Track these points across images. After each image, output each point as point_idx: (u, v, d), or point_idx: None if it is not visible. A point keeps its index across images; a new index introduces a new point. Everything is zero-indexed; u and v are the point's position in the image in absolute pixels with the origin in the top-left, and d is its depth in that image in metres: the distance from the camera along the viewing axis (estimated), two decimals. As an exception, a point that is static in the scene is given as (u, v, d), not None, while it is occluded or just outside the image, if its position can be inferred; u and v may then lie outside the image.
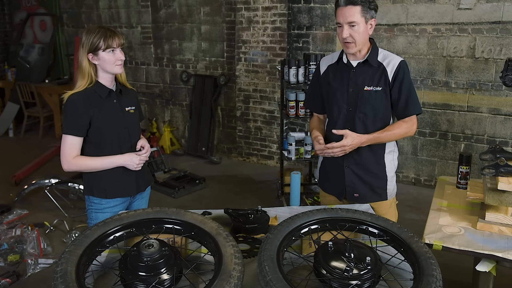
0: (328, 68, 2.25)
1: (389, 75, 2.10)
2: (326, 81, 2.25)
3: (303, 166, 5.15)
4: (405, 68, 2.10)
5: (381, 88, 2.10)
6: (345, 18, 2.02)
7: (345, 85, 2.16)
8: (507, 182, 1.87)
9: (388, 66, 2.11)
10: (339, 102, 2.18)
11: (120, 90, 2.18)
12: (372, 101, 2.11)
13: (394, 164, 2.27)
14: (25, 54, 6.87)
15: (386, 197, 2.24)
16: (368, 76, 2.12)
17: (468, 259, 2.02)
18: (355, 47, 2.07)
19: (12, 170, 4.95)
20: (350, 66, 2.16)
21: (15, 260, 3.30)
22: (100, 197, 2.16)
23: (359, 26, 2.03)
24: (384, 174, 2.22)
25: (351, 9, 2.01)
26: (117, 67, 2.08)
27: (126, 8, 6.29)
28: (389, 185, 2.24)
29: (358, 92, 2.12)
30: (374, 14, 2.08)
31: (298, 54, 5.11)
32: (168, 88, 6.26)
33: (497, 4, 4.07)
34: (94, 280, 1.49)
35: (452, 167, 4.55)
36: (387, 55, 2.14)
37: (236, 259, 1.41)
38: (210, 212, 2.03)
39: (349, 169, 2.22)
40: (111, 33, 2.04)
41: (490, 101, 4.28)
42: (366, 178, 2.21)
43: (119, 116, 2.15)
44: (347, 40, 2.05)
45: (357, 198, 2.23)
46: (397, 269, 1.55)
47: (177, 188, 4.59)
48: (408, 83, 2.10)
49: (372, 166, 2.21)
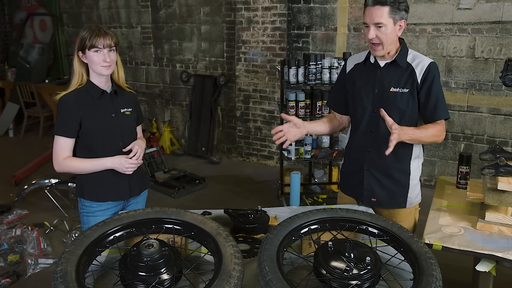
0: (355, 67, 2.17)
1: (417, 77, 2.00)
2: (351, 80, 2.17)
3: (303, 166, 5.15)
4: (435, 70, 2.00)
5: (408, 90, 2.00)
6: (372, 19, 1.93)
7: (370, 85, 2.08)
8: (507, 182, 1.87)
9: (417, 67, 2.01)
10: (364, 103, 2.10)
11: (115, 91, 2.12)
12: (397, 103, 2.02)
13: (419, 171, 2.15)
14: (25, 54, 6.87)
15: (405, 205, 2.13)
16: (395, 77, 2.03)
17: (468, 259, 2.02)
18: (382, 49, 1.98)
19: (12, 170, 4.95)
20: (377, 66, 2.08)
21: (15, 260, 3.30)
22: (91, 200, 2.12)
23: (386, 27, 1.93)
24: (407, 181, 2.12)
25: (378, 9, 1.92)
26: (103, 68, 2.00)
27: (126, 8, 6.29)
28: (410, 193, 2.13)
29: (383, 93, 2.04)
30: (404, 15, 1.96)
31: (298, 54, 5.11)
32: (168, 88, 6.26)
33: (497, 4, 4.07)
34: (94, 280, 1.49)
35: (452, 167, 4.55)
36: (416, 56, 2.05)
37: (236, 259, 1.41)
38: (210, 212, 2.03)
39: (369, 172, 2.13)
40: (98, 32, 1.97)
41: (490, 101, 4.28)
42: (386, 183, 2.12)
43: (112, 117, 2.09)
44: (373, 41, 1.97)
45: (374, 203, 2.14)
46: (397, 269, 1.55)
47: (177, 188, 4.59)
48: (437, 86, 2.00)
49: (395, 171, 2.10)
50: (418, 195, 2.18)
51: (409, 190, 2.12)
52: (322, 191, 4.60)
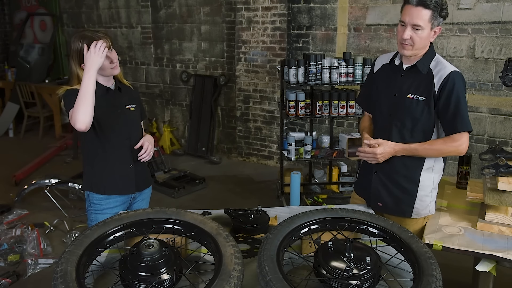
0: (382, 68, 2.15)
1: (435, 86, 1.92)
2: (376, 80, 2.16)
3: (303, 166, 5.15)
4: (455, 80, 1.89)
5: (424, 98, 1.94)
6: (412, 19, 1.86)
7: (391, 88, 2.04)
8: (507, 182, 1.87)
9: (436, 75, 1.93)
10: (382, 105, 2.09)
11: (119, 88, 2.17)
12: (412, 110, 1.97)
13: (432, 184, 2.08)
14: (25, 54, 6.87)
15: (410, 215, 2.07)
16: (415, 83, 1.97)
17: (468, 259, 2.02)
18: (411, 49, 1.92)
19: (12, 170, 4.95)
20: (400, 69, 2.04)
21: (15, 260, 3.29)
22: (99, 193, 2.15)
23: (423, 30, 1.87)
24: (414, 191, 2.05)
25: (421, 11, 1.85)
26: (113, 69, 2.05)
27: (126, 8, 6.29)
28: (418, 203, 2.06)
29: (401, 98, 1.99)
30: (441, 21, 1.91)
31: (298, 54, 5.11)
32: (168, 88, 6.26)
33: (497, 4, 4.07)
34: (94, 280, 1.49)
35: (452, 167, 4.54)
36: (439, 63, 1.96)
37: (236, 259, 1.41)
38: (210, 212, 2.04)
39: (377, 176, 2.11)
40: (97, 38, 1.95)
41: (490, 101, 4.28)
42: (393, 189, 2.08)
43: (118, 113, 2.13)
44: (405, 42, 1.91)
45: (379, 208, 2.12)
46: (397, 269, 1.55)
47: (177, 188, 4.59)
48: (456, 97, 1.89)
49: (402, 179, 2.06)
50: (428, 207, 2.09)
51: (416, 200, 2.06)
52: (322, 191, 4.60)
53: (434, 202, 2.12)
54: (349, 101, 3.87)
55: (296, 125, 5.32)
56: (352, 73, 3.81)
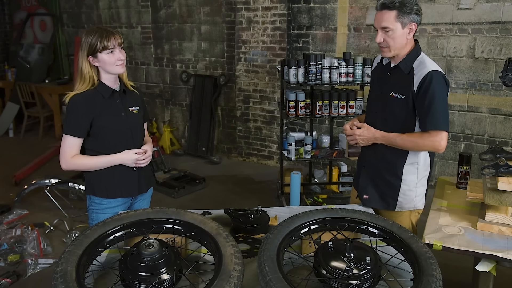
0: (377, 66, 2.29)
1: (414, 85, 1.99)
2: (372, 78, 2.32)
3: (303, 166, 5.15)
4: (433, 79, 1.95)
5: (404, 97, 2.02)
6: (379, 23, 1.98)
7: (379, 86, 2.16)
8: (507, 182, 1.87)
9: (416, 75, 2.00)
10: (372, 102, 2.23)
11: (124, 90, 2.17)
12: (393, 107, 2.06)
13: (416, 179, 2.12)
14: (25, 54, 6.87)
15: (394, 208, 2.15)
16: (397, 83, 2.06)
17: (468, 259, 2.02)
18: (389, 51, 2.02)
19: (12, 170, 4.95)
20: (388, 67, 2.14)
21: (15, 260, 3.29)
22: (102, 197, 2.16)
23: (393, 31, 1.96)
24: (397, 185, 2.12)
25: (385, 14, 1.95)
26: (118, 67, 2.06)
27: (126, 8, 6.29)
28: (401, 197, 2.12)
29: (385, 96, 2.09)
30: (414, 17, 1.97)
31: (298, 54, 5.11)
32: (168, 88, 6.26)
33: (497, 4, 4.07)
34: (94, 280, 1.49)
35: (452, 167, 4.55)
36: (422, 63, 2.03)
37: (236, 259, 1.41)
38: (210, 212, 2.04)
39: (365, 170, 2.23)
40: (107, 33, 2.01)
41: (490, 101, 4.28)
42: (378, 183, 2.18)
43: (122, 116, 2.13)
44: (381, 45, 2.03)
45: (366, 200, 2.21)
46: (397, 269, 1.55)
47: (177, 188, 4.59)
48: (431, 95, 1.94)
49: (386, 173, 2.14)
50: (412, 202, 2.14)
51: (400, 194, 2.12)
52: (322, 191, 4.60)
53: (422, 197, 2.17)
54: (349, 101, 3.87)
55: (296, 125, 5.32)
56: (352, 73, 3.81)
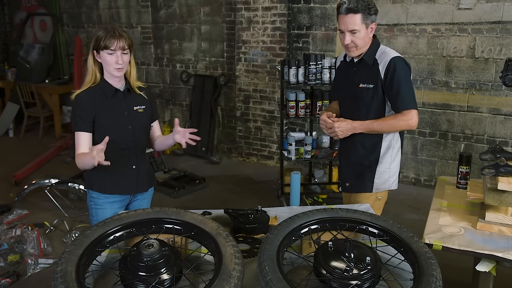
0: (340, 64, 2.45)
1: (381, 72, 2.16)
2: (338, 75, 2.47)
3: (303, 166, 5.15)
4: (396, 64, 2.12)
5: (373, 85, 2.18)
6: (347, 26, 2.11)
7: (347, 81, 2.30)
8: (507, 182, 1.87)
9: (380, 63, 2.17)
10: (343, 97, 2.36)
11: (128, 89, 2.17)
12: (363, 98, 2.20)
13: (390, 160, 2.29)
14: (25, 54, 6.87)
15: (371, 190, 2.30)
16: (364, 74, 2.21)
17: (468, 259, 2.02)
18: (356, 50, 2.19)
19: (12, 170, 4.95)
20: (352, 63, 2.30)
21: (15, 260, 3.30)
22: (99, 192, 2.17)
23: (360, 32, 2.12)
24: (374, 167, 2.28)
25: (352, 17, 2.09)
26: (114, 70, 2.04)
27: (126, 8, 6.29)
28: (377, 178, 2.29)
29: (355, 88, 2.23)
30: (374, 18, 2.15)
31: (298, 54, 5.11)
32: (168, 88, 6.26)
33: (497, 4, 4.07)
34: (94, 280, 1.49)
35: (452, 167, 4.55)
36: (384, 53, 2.20)
37: (236, 259, 1.41)
38: (210, 212, 2.03)
39: (344, 160, 2.41)
40: (113, 34, 2.00)
41: (490, 101, 4.28)
42: (356, 168, 2.33)
43: (125, 115, 2.13)
44: (349, 46, 2.17)
45: (347, 188, 2.38)
46: (397, 269, 1.55)
47: (177, 188, 4.59)
48: (398, 79, 2.11)
49: (364, 158, 2.29)
50: (387, 182, 2.31)
51: (376, 175, 2.29)
52: (322, 191, 4.60)
53: (396, 178, 2.34)
54: (349, 101, 3.87)
55: (296, 125, 5.32)
56: (352, 73, 3.82)
